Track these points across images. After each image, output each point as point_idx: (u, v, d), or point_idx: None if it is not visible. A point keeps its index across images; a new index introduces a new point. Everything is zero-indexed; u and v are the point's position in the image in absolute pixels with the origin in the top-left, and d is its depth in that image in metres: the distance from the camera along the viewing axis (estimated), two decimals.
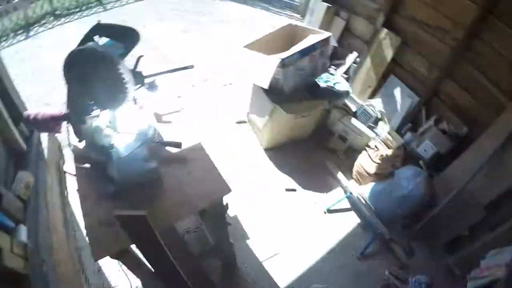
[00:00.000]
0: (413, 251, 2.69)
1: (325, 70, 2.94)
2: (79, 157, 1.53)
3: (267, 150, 3.03)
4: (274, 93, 2.67)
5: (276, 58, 2.48)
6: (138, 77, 1.60)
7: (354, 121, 3.02)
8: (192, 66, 1.97)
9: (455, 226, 2.64)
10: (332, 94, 3.00)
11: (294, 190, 2.81)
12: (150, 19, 4.39)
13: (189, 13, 4.62)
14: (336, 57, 3.50)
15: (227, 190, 1.57)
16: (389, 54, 3.08)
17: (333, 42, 2.85)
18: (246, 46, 2.79)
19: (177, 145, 1.62)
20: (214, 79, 3.61)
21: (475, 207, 2.46)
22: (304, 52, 2.59)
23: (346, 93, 3.08)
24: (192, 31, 4.28)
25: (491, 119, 2.39)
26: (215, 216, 1.94)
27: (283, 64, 2.49)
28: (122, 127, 1.55)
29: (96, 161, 1.48)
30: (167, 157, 1.64)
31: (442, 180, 2.72)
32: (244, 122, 3.22)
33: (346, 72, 3.38)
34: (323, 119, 3.14)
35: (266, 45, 2.83)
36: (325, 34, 2.75)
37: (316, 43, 2.66)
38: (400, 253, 2.61)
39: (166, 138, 1.66)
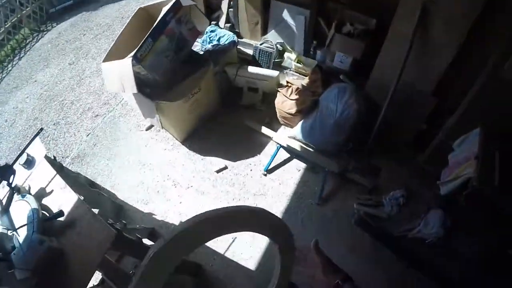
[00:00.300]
0: (377, 169, 2.65)
1: (197, 33, 2.74)
2: None
3: (184, 141, 2.97)
4: (152, 88, 2.57)
5: (127, 59, 2.36)
6: (5, 169, 1.75)
7: (250, 68, 2.89)
8: (41, 129, 2.13)
9: (409, 125, 2.61)
10: (217, 53, 2.86)
11: (225, 168, 2.77)
12: (37, 69, 4.27)
13: (69, 43, 4.46)
14: (212, 11, 3.32)
15: (112, 233, 1.64)
16: None
17: (186, 2, 2.71)
18: (104, 60, 2.65)
19: (59, 214, 1.69)
20: (114, 99, 3.54)
21: (422, 97, 2.41)
22: (154, 34, 2.43)
23: (233, 43, 2.93)
24: (78, 60, 4.15)
25: None
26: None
27: (138, 59, 2.36)
28: (17, 223, 1.65)
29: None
30: (59, 228, 1.71)
31: (374, 85, 2.63)
32: (153, 125, 3.14)
33: (228, 21, 3.21)
34: (223, 81, 3.02)
35: (126, 44, 2.68)
36: (169, 0, 2.56)
37: (165, 15, 2.47)
38: (361, 179, 2.58)
39: (60, 208, 1.72)
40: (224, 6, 3.18)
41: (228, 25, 3.20)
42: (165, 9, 2.55)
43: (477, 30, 1.97)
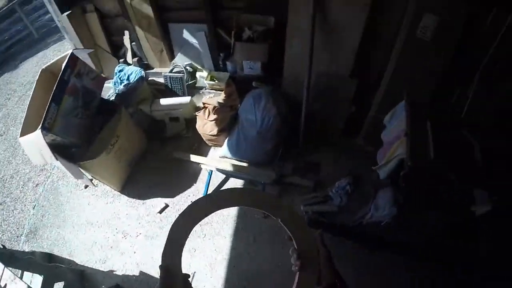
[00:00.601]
0: (315, 165, 2.81)
1: (103, 80, 2.87)
2: None
3: (123, 190, 3.12)
4: (72, 150, 2.70)
5: (38, 131, 2.45)
6: None
7: (162, 101, 3.03)
8: None
9: (337, 112, 2.73)
10: (128, 94, 2.99)
11: (166, 206, 2.93)
12: None
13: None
14: (118, 48, 3.44)
15: None
16: (147, 8, 2.98)
17: (83, 54, 2.73)
18: (21, 134, 2.68)
19: None
20: (50, 165, 3.73)
21: (341, 81, 2.52)
22: (57, 97, 2.53)
23: (141, 79, 3.06)
24: (8, 130, 4.28)
25: None
26: None
27: (47, 128, 2.46)
28: None
29: None
30: None
31: (289, 83, 2.75)
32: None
33: (135, 55, 3.32)
34: (143, 120, 3.13)
35: (38, 111, 2.69)
36: (66, 55, 2.66)
37: (62, 74, 2.59)
38: (299, 179, 2.74)
39: None
40: (126, 41, 3.29)
41: (135, 59, 3.30)
42: (63, 67, 2.64)
43: None
